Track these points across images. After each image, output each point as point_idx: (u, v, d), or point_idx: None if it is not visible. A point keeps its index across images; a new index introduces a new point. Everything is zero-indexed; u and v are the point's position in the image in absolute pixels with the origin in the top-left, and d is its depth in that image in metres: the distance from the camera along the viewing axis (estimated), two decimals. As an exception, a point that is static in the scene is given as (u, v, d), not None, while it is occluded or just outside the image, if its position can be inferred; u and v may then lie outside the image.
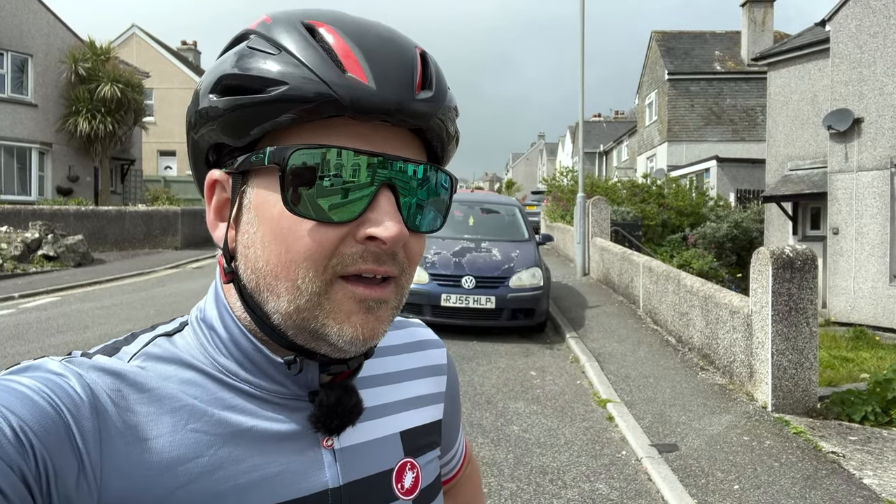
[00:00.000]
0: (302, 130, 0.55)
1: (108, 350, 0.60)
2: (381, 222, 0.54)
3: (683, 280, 7.31)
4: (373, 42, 0.56)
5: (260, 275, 0.57)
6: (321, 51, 0.54)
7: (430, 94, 0.57)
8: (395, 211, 0.55)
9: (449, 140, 0.62)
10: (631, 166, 31.67)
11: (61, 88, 19.09)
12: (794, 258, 5.15)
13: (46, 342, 7.14)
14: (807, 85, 14.30)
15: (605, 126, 45.65)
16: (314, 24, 0.56)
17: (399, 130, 0.58)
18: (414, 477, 0.69)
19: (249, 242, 0.58)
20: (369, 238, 0.54)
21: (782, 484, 3.91)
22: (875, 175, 11.14)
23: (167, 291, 11.07)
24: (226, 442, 0.57)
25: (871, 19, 11.17)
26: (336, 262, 0.55)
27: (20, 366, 0.54)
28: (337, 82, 0.53)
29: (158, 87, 27.77)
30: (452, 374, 0.83)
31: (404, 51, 0.57)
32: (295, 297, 0.55)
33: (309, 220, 0.54)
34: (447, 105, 0.59)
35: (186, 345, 0.62)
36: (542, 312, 7.92)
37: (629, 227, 14.65)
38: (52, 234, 14.32)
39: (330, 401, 0.61)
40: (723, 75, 24.14)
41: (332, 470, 0.62)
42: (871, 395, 5.15)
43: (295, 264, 0.55)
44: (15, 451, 0.45)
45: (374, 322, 0.57)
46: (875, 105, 11.11)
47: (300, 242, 0.54)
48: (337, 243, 0.55)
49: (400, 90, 0.55)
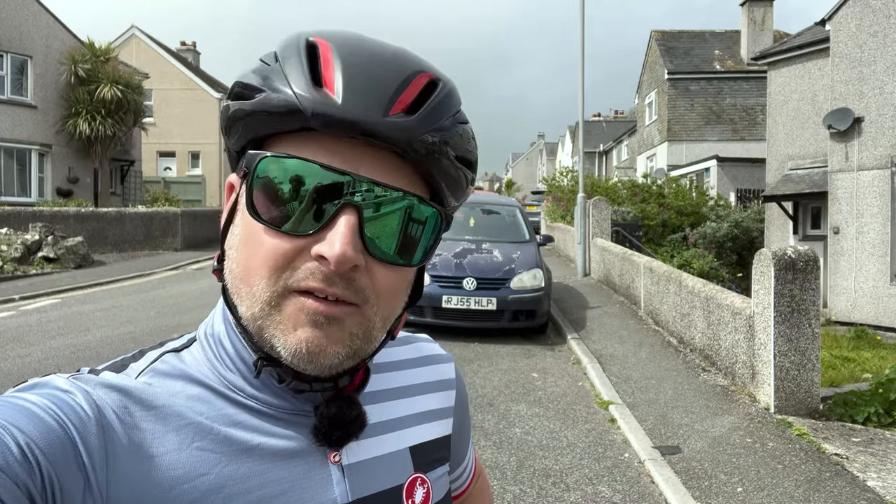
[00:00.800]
0: (286, 142, 0.56)
1: (115, 367, 0.60)
2: (331, 241, 0.53)
3: (685, 281, 7.30)
4: (360, 60, 0.55)
5: (233, 276, 0.59)
6: (305, 65, 0.55)
7: (409, 117, 0.54)
8: (350, 233, 0.53)
9: (446, 173, 0.59)
10: (631, 166, 31.66)
11: (61, 90, 19.07)
12: (797, 259, 5.14)
13: (47, 344, 7.13)
14: (807, 84, 14.29)
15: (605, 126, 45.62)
16: (317, 41, 0.57)
17: (382, 153, 0.55)
18: (424, 493, 0.68)
19: (231, 244, 0.59)
20: (320, 256, 0.53)
21: (786, 486, 3.91)
22: (875, 174, 11.13)
23: (168, 293, 11.06)
24: (232, 459, 0.57)
25: (871, 18, 11.16)
26: (289, 275, 0.54)
27: (28, 383, 0.55)
28: (304, 94, 0.53)
29: (158, 87, 27.74)
30: (461, 389, 0.82)
31: (396, 72, 0.56)
32: (251, 303, 0.56)
33: (266, 227, 0.54)
34: (439, 133, 0.56)
35: (194, 361, 0.62)
36: (543, 314, 7.91)
37: (630, 228, 14.64)
38: (52, 236, 14.30)
39: (331, 412, 0.60)
40: (722, 74, 24.13)
41: (341, 487, 0.61)
42: (873, 396, 5.14)
43: (254, 270, 0.55)
44: (21, 467, 0.45)
45: (322, 339, 0.54)
46: (875, 104, 11.10)
47: (260, 249, 0.55)
48: (292, 256, 0.54)
49: (368, 108, 0.53)
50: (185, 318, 8.71)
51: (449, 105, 0.58)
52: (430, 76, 0.58)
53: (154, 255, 17.01)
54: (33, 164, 18.61)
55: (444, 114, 0.57)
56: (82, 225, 16.31)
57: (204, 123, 29.16)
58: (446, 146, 0.57)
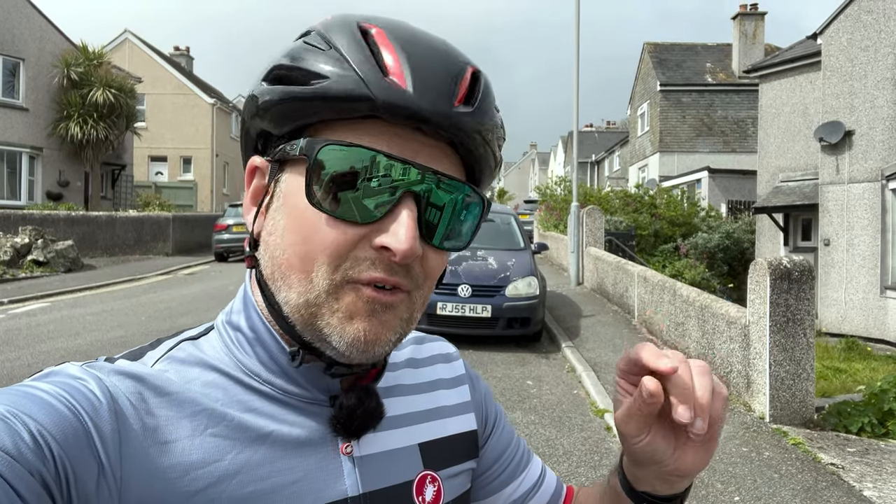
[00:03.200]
0: (340, 128, 0.56)
1: (132, 355, 0.60)
2: (396, 233, 0.53)
3: (679, 290, 7.32)
4: (421, 50, 0.56)
5: (276, 263, 0.58)
6: (367, 51, 0.55)
7: (471, 108, 0.56)
8: (412, 223, 0.54)
9: (488, 162, 0.61)
10: (623, 176, 31.85)
11: (53, 93, 18.95)
12: (792, 269, 5.18)
13: (37, 348, 7.05)
14: (798, 97, 14.45)
15: (597, 136, 45.89)
16: (368, 26, 0.57)
17: (435, 143, 0.57)
18: (435, 491, 0.68)
19: (272, 230, 0.59)
20: (383, 247, 0.54)
21: (783, 496, 3.91)
22: (866, 187, 11.25)
23: (159, 298, 10.98)
24: (246, 446, 0.57)
25: (861, 33, 11.31)
26: (349, 266, 0.55)
27: (42, 373, 0.55)
28: (374, 82, 0.53)
29: (150, 92, 27.67)
30: (476, 382, 0.82)
31: (452, 63, 0.57)
32: (306, 289, 0.55)
33: (326, 215, 0.54)
34: (489, 125, 0.59)
35: (211, 348, 0.62)
36: (537, 321, 7.91)
37: (623, 237, 14.70)
38: (42, 240, 14.19)
39: (350, 402, 0.60)
40: (714, 87, 24.38)
41: (352, 478, 0.61)
42: (867, 407, 5.17)
43: (311, 257, 0.55)
44: (34, 456, 0.45)
45: (379, 326, 0.56)
46: (866, 118, 11.23)
47: (318, 236, 0.54)
48: (353, 244, 0.54)
49: (437, 99, 0.54)
50: (176, 322, 8.64)
51: (492, 95, 0.61)
52: (474, 68, 0.60)
53: (145, 259, 16.90)
54: (24, 167, 18.45)
55: (492, 103, 0.60)
56: (73, 229, 16.19)
57: (196, 128, 29.11)
58: (494, 135, 0.60)
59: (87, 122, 18.74)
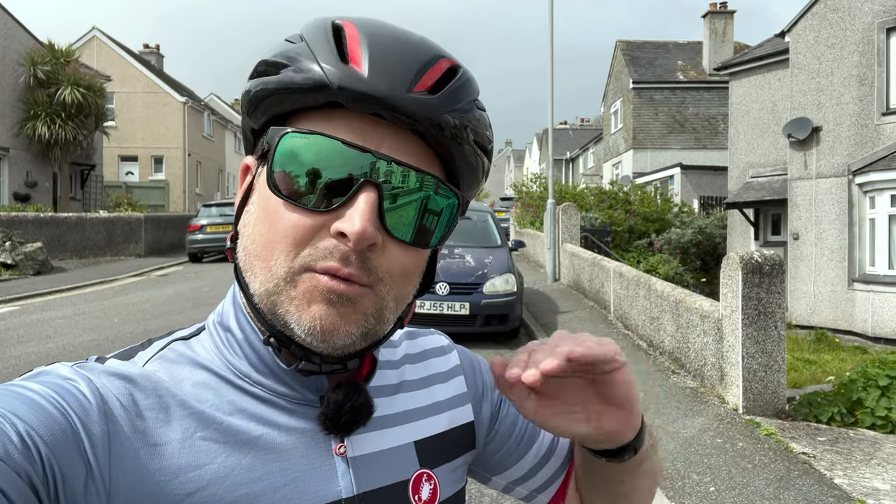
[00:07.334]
0: (310, 119, 0.57)
1: (123, 355, 0.60)
2: (351, 217, 0.53)
3: (654, 285, 7.42)
4: (386, 40, 0.57)
5: (247, 254, 0.58)
6: (332, 43, 0.56)
7: (430, 96, 0.55)
8: (367, 209, 0.53)
9: (466, 160, 0.59)
10: (597, 173, 32.14)
11: (19, 92, 18.52)
12: (763, 263, 5.28)
13: (6, 353, 6.89)
14: (767, 94, 14.72)
15: (572, 133, 46.23)
16: (342, 23, 0.58)
17: (404, 134, 0.56)
18: (431, 489, 0.67)
19: (247, 221, 0.59)
20: (340, 233, 0.53)
21: (756, 485, 3.99)
22: (833, 182, 11.51)
23: (131, 300, 10.80)
24: (236, 449, 0.57)
25: (828, 31, 11.56)
26: (307, 254, 0.54)
27: (32, 372, 0.54)
28: (331, 68, 0.54)
29: (120, 90, 27.17)
30: (470, 370, 0.80)
31: (421, 53, 0.57)
32: (266, 278, 0.56)
33: (285, 202, 0.55)
34: (459, 118, 0.57)
35: (202, 348, 0.62)
36: (515, 318, 7.96)
37: (598, 233, 14.85)
38: (10, 242, 13.87)
39: (338, 397, 0.60)
40: (686, 84, 24.71)
41: (346, 479, 0.61)
42: (836, 397, 5.29)
43: (272, 245, 0.55)
44: (22, 456, 0.45)
45: (336, 317, 0.55)
46: (833, 114, 11.48)
47: (279, 223, 0.55)
48: (312, 232, 0.54)
49: (394, 83, 0.54)
50: (150, 325, 8.51)
51: (469, 90, 0.60)
52: (452, 62, 0.59)
53: (116, 261, 16.62)
54: (-11, 168, 18.03)
55: (464, 97, 0.58)
56: (41, 230, 15.85)
57: (167, 127, 28.65)
58: (466, 129, 0.58)
59: (55, 122, 18.36)
